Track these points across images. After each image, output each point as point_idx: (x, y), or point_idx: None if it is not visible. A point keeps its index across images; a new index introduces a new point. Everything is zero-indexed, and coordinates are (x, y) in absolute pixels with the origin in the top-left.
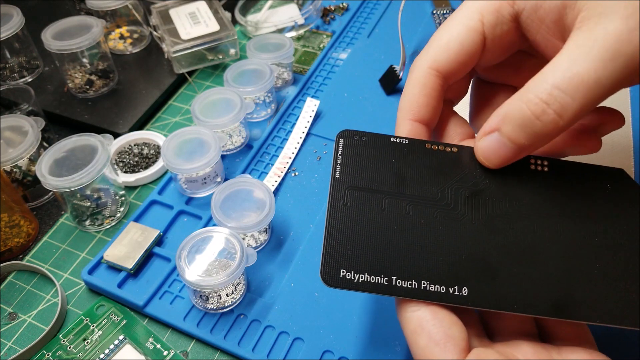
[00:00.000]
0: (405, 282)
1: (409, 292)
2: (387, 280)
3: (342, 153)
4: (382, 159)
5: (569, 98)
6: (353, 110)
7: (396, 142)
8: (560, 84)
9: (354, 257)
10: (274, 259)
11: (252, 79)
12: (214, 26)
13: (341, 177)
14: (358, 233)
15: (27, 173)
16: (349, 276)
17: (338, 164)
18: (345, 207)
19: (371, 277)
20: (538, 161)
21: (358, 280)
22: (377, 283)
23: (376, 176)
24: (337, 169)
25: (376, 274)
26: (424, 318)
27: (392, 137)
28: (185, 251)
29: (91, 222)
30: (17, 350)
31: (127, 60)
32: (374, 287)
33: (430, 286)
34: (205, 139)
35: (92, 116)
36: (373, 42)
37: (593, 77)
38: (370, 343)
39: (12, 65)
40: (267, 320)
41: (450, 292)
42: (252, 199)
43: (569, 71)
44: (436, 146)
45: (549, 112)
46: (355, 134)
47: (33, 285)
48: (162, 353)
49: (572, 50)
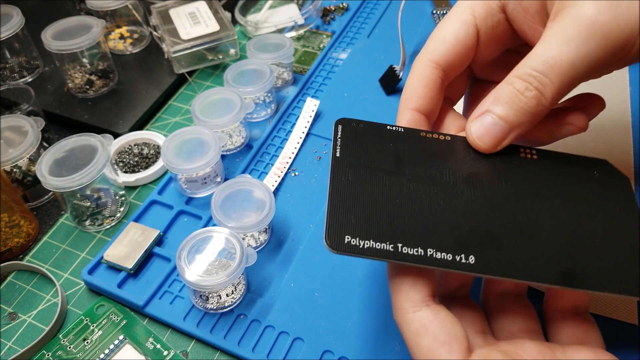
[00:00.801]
0: (412, 249)
1: (416, 259)
2: (393, 247)
3: (342, 137)
4: (379, 143)
5: (547, 79)
6: (353, 110)
7: (392, 130)
8: (537, 66)
9: (358, 225)
10: (274, 259)
11: (252, 79)
12: (214, 26)
13: (342, 156)
14: (361, 204)
15: (27, 173)
16: (354, 242)
17: (338, 145)
18: (347, 182)
19: (377, 244)
20: (527, 150)
21: (364, 246)
22: (383, 249)
23: (375, 157)
24: (337, 150)
25: (382, 240)
26: (427, 318)
27: (389, 125)
28: (185, 251)
29: (91, 222)
30: (17, 350)
31: (127, 60)
32: (381, 253)
33: (437, 253)
34: (205, 139)
35: (92, 116)
36: (373, 42)
37: (566, 59)
38: (370, 343)
39: (12, 65)
40: (267, 320)
41: (457, 260)
42: (252, 199)
43: (544, 55)
44: (430, 134)
45: (530, 88)
46: (353, 122)
47: (33, 285)
48: (162, 353)
49: (549, 36)
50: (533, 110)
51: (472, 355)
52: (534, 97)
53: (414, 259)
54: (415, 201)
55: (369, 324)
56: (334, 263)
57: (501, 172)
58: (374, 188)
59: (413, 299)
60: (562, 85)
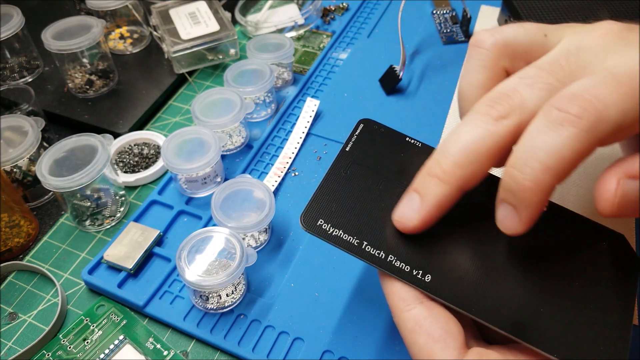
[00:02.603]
0: (374, 250)
1: (375, 259)
2: (358, 243)
3: (358, 135)
4: (392, 151)
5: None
6: (353, 110)
7: (410, 142)
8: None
9: (336, 214)
10: (274, 259)
11: (252, 79)
12: (214, 26)
13: (350, 152)
14: (347, 197)
15: (27, 173)
16: (324, 227)
17: (352, 140)
18: (344, 175)
19: (344, 235)
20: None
21: (332, 233)
22: (348, 241)
23: (382, 162)
24: (348, 144)
25: (350, 234)
26: (421, 316)
27: (408, 137)
28: (185, 251)
29: (91, 222)
30: (17, 350)
31: (127, 60)
32: (344, 244)
33: (396, 262)
34: (205, 139)
35: (92, 116)
36: (373, 42)
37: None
38: (370, 343)
39: (12, 65)
40: (267, 320)
41: (413, 274)
42: (252, 199)
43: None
44: None
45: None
46: (375, 124)
47: (33, 285)
48: (162, 353)
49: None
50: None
51: (467, 352)
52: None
53: (372, 259)
54: None
55: (368, 324)
56: (334, 263)
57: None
58: (366, 188)
59: (405, 298)
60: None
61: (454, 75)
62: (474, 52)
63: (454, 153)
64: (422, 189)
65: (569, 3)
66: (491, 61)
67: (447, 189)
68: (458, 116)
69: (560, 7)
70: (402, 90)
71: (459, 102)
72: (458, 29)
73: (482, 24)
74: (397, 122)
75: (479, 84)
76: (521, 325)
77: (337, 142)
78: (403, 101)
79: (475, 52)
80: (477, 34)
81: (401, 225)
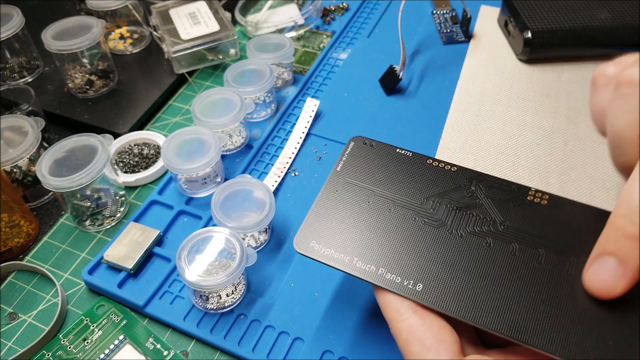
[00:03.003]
0: (365, 264)
1: (365, 274)
2: (349, 259)
3: (349, 153)
4: (383, 164)
5: None
6: (353, 110)
7: (400, 153)
8: None
9: (327, 233)
10: (274, 259)
11: (252, 79)
12: (214, 26)
13: (341, 171)
14: (338, 216)
15: (27, 173)
16: (316, 247)
17: (342, 160)
18: (335, 194)
19: (336, 253)
20: (538, 194)
21: (323, 253)
22: (339, 259)
23: (372, 177)
24: (340, 164)
25: (341, 251)
26: (413, 325)
27: (398, 148)
28: (185, 251)
29: (91, 222)
30: (17, 351)
31: (127, 60)
32: (336, 262)
33: (387, 274)
34: (205, 139)
35: (92, 116)
36: (373, 42)
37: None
38: (370, 343)
39: (12, 66)
40: (267, 320)
41: (404, 284)
42: (252, 199)
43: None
44: (437, 163)
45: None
46: (366, 140)
47: (33, 286)
48: (162, 353)
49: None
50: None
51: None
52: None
53: (363, 274)
54: (389, 224)
55: (369, 324)
56: None
57: (495, 213)
58: (355, 204)
59: (398, 309)
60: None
61: (454, 75)
62: (630, 89)
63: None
64: (621, 252)
65: (569, 3)
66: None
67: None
68: (456, 118)
69: (560, 7)
70: (402, 90)
71: (614, 143)
72: (458, 29)
73: (482, 24)
74: (397, 122)
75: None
76: (518, 326)
77: (337, 142)
78: (403, 101)
79: (631, 89)
80: (622, 66)
81: (603, 295)
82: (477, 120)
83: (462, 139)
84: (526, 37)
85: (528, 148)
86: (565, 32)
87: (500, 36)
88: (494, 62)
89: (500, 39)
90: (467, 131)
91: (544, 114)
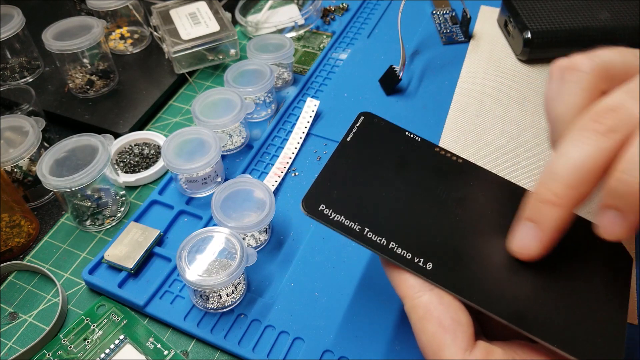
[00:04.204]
0: (376, 237)
1: (376, 246)
2: (360, 229)
3: (359, 126)
4: (392, 143)
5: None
6: (353, 110)
7: (409, 137)
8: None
9: (337, 200)
10: (274, 259)
11: (252, 79)
12: (214, 26)
13: (351, 142)
14: (348, 184)
15: (28, 173)
16: (326, 212)
17: (353, 131)
18: (346, 163)
19: (346, 221)
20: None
21: (333, 218)
22: (350, 227)
23: (382, 153)
24: (349, 135)
25: (352, 219)
26: (431, 303)
27: (408, 131)
28: (185, 251)
29: (92, 222)
30: (18, 350)
31: (127, 60)
32: (347, 230)
33: (398, 249)
34: (205, 139)
35: (93, 116)
36: (373, 42)
37: None
38: (370, 343)
39: (13, 66)
40: (267, 320)
41: (415, 261)
42: (252, 199)
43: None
44: (444, 152)
45: None
46: (376, 117)
47: (34, 285)
48: (163, 353)
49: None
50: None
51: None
52: None
53: (374, 245)
54: (399, 200)
55: (368, 324)
56: (333, 263)
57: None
58: (367, 176)
59: (414, 285)
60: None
61: (454, 75)
62: (572, 75)
63: (565, 175)
64: (536, 216)
65: (569, 3)
66: (591, 84)
67: (563, 212)
68: (456, 118)
69: (560, 7)
70: (402, 90)
71: (552, 125)
72: (458, 29)
73: (481, 24)
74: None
75: (577, 106)
76: (521, 315)
77: (337, 142)
78: (403, 101)
79: (574, 75)
80: (572, 57)
81: (522, 255)
82: (477, 120)
83: (462, 139)
84: (526, 37)
85: (528, 148)
86: (565, 32)
87: (500, 36)
88: (493, 62)
89: (500, 39)
90: (467, 131)
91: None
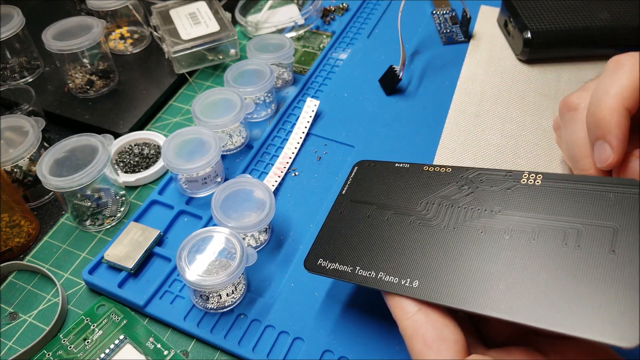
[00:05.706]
0: (365, 272)
1: (366, 280)
2: (351, 269)
3: (354, 177)
4: (383, 179)
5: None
6: (353, 110)
7: (399, 167)
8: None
9: (332, 250)
10: (274, 259)
11: (252, 79)
12: (214, 26)
13: (346, 193)
14: (342, 233)
15: (28, 173)
16: (324, 264)
17: (347, 184)
18: (340, 214)
19: (340, 266)
20: (532, 175)
21: (329, 268)
22: (343, 271)
23: (373, 192)
24: (344, 188)
25: (344, 263)
26: (418, 321)
27: (397, 163)
28: (185, 251)
29: (92, 222)
30: (18, 350)
31: (127, 60)
32: (341, 274)
33: (386, 277)
34: (205, 139)
35: (93, 116)
36: (373, 42)
37: None
38: (370, 343)
39: (13, 66)
40: (267, 320)
41: (402, 284)
42: (252, 199)
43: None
44: (432, 168)
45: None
46: (368, 162)
47: (34, 285)
48: (163, 353)
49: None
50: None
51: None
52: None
53: (364, 280)
54: (386, 231)
55: (368, 324)
56: None
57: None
58: (357, 220)
59: (403, 307)
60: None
61: (454, 75)
62: (567, 115)
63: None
64: (601, 133)
65: (569, 3)
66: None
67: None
68: (456, 118)
69: (560, 7)
70: (402, 90)
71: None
72: (458, 29)
73: (481, 24)
74: (397, 122)
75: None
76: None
77: (337, 142)
78: (403, 101)
79: (569, 115)
80: (566, 99)
81: (607, 165)
82: (476, 120)
83: (461, 138)
84: (526, 37)
85: (528, 148)
86: (565, 32)
87: (500, 36)
88: (493, 62)
89: (500, 39)
90: (466, 131)
91: (544, 114)
